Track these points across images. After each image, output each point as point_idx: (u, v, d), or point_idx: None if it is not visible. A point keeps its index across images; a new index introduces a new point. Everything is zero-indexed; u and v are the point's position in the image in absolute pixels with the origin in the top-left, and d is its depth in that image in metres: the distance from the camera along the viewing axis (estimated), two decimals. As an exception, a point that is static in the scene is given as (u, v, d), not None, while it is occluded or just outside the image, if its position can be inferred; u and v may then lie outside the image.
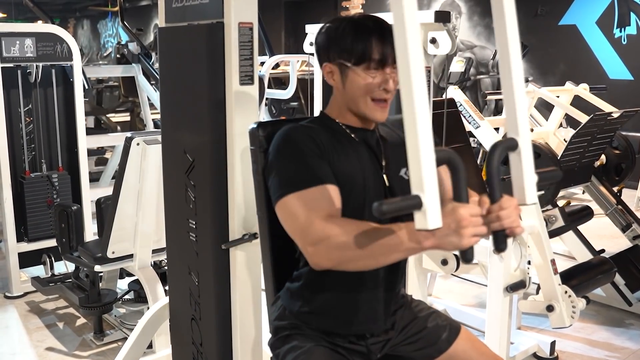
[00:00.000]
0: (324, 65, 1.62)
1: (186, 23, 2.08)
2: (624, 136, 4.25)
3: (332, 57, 1.59)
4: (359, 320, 1.68)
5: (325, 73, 1.62)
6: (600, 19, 7.72)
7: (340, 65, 1.58)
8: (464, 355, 1.78)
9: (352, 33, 1.56)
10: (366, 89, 1.56)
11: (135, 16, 15.94)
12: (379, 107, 1.58)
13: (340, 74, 1.59)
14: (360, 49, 1.53)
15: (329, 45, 1.60)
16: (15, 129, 4.07)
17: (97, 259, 3.19)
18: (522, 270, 2.68)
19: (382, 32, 1.54)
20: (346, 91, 1.59)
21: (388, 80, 1.55)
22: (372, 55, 1.53)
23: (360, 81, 1.55)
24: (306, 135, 1.57)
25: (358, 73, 1.55)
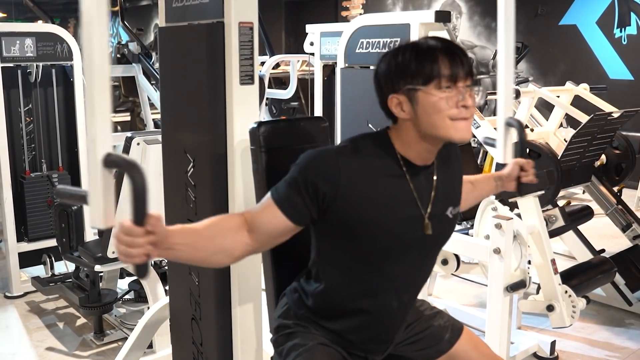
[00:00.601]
0: (390, 98, 1.48)
1: (186, 23, 2.08)
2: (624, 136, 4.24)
3: (398, 87, 1.46)
4: (363, 345, 1.68)
5: (393, 106, 1.48)
6: (600, 19, 7.71)
7: (408, 92, 1.45)
8: (465, 356, 1.78)
9: (414, 55, 1.44)
10: (442, 108, 1.42)
11: (135, 16, 15.93)
12: (460, 126, 1.44)
13: (410, 102, 1.45)
14: (427, 68, 1.42)
15: (393, 74, 1.47)
16: (15, 128, 4.07)
17: (98, 259, 3.19)
18: (523, 270, 2.68)
19: (446, 47, 1.45)
20: (419, 118, 1.45)
21: (464, 94, 1.44)
22: (441, 71, 1.42)
23: (434, 100, 1.43)
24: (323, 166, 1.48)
25: (430, 92, 1.43)
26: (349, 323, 1.64)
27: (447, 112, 1.43)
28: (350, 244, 1.53)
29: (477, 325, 3.31)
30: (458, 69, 1.43)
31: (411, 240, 1.55)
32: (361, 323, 1.64)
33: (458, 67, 1.43)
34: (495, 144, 2.14)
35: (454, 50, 1.44)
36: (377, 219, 1.49)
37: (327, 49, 4.37)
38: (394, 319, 1.68)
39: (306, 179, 1.46)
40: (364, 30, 3.29)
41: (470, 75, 1.45)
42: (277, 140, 1.85)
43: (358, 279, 1.58)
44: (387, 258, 1.54)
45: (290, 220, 1.48)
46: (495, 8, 2.07)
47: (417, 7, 9.91)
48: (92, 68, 1.27)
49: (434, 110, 1.43)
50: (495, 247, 2.61)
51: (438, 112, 1.43)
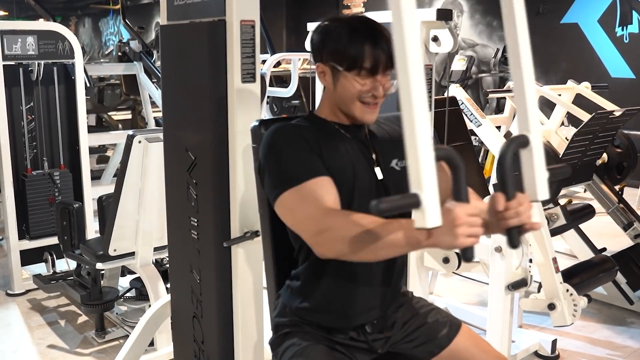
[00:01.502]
0: (317, 64, 1.64)
1: (188, 21, 2.08)
2: (626, 135, 4.24)
3: (325, 59, 1.60)
4: (355, 312, 1.69)
5: (318, 72, 1.64)
6: (602, 18, 7.71)
7: (332, 67, 1.59)
8: (465, 351, 1.78)
9: (346, 37, 1.56)
10: (356, 95, 1.58)
11: (136, 14, 15.93)
12: (368, 109, 1.60)
13: (332, 76, 1.60)
14: (352, 55, 1.55)
15: (323, 46, 1.61)
16: (17, 126, 4.07)
17: (99, 257, 3.20)
18: (524, 268, 2.68)
19: (375, 38, 1.55)
20: (337, 93, 1.61)
21: (378, 87, 1.57)
22: (364, 63, 1.54)
23: (350, 87, 1.58)
24: (293, 132, 1.60)
25: (349, 78, 1.57)
26: (335, 293, 1.66)
27: (359, 95, 1.58)
28: None
29: (478, 323, 3.31)
30: (379, 62, 1.55)
31: (372, 187, 1.63)
32: (346, 290, 1.66)
33: (380, 59, 1.54)
34: None
35: (380, 40, 1.54)
36: (340, 167, 1.59)
37: (328, 47, 4.36)
38: (376, 279, 1.69)
39: (285, 142, 1.56)
40: (366, 28, 3.29)
41: (390, 66, 1.55)
42: (278, 139, 1.85)
43: None
44: (351, 207, 1.56)
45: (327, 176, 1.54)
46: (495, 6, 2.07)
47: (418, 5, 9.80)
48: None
49: (348, 93, 1.59)
50: (497, 246, 2.61)
51: (351, 93, 1.58)
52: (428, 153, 1.19)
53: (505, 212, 1.31)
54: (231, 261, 2.08)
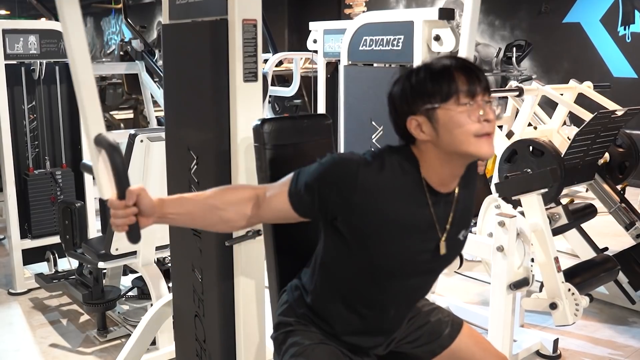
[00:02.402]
0: (409, 120, 1.44)
1: (190, 20, 2.08)
2: (628, 134, 4.23)
3: (416, 108, 1.42)
4: (362, 344, 1.69)
5: (412, 128, 1.44)
6: (604, 17, 7.70)
7: (427, 112, 1.41)
8: (467, 351, 1.79)
9: (429, 74, 1.42)
10: (463, 122, 1.39)
11: (138, 13, 15.93)
12: (484, 140, 1.40)
13: (430, 122, 1.41)
14: (444, 85, 1.39)
15: (409, 96, 1.44)
16: (19, 126, 4.08)
17: (101, 256, 3.20)
18: (526, 267, 2.67)
19: (461, 64, 1.42)
20: (441, 137, 1.41)
21: (485, 108, 1.40)
22: (459, 87, 1.39)
23: (456, 119, 1.39)
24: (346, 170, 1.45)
25: (450, 109, 1.39)
26: (345, 326, 1.65)
27: (469, 127, 1.39)
28: (356, 255, 1.53)
29: (480, 323, 3.31)
30: (475, 84, 1.40)
31: (421, 263, 1.55)
32: (357, 327, 1.65)
33: (475, 82, 1.40)
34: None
35: (469, 67, 1.42)
36: (390, 239, 1.48)
37: (330, 47, 4.37)
38: (390, 325, 1.70)
39: (320, 186, 1.46)
40: (367, 27, 3.29)
41: (488, 91, 1.42)
42: (280, 138, 1.86)
43: (358, 290, 1.60)
44: (392, 276, 1.55)
45: (298, 214, 1.52)
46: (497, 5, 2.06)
47: (420, 4, 9.89)
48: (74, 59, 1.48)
49: (455, 126, 1.39)
50: (499, 245, 2.60)
51: (460, 127, 1.39)
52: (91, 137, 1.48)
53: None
54: (233, 260, 2.08)
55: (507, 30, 8.57)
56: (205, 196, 1.52)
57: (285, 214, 1.53)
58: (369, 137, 3.24)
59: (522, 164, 3.34)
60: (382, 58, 3.22)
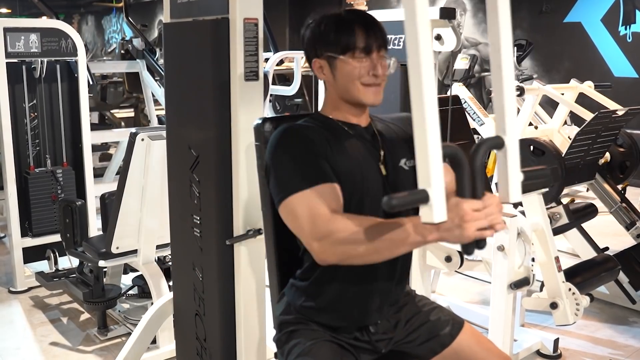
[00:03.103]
0: (313, 61, 1.66)
1: (191, 19, 2.08)
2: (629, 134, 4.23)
3: (320, 52, 1.64)
4: (359, 313, 1.69)
5: (316, 69, 1.66)
6: (605, 17, 7.69)
7: (328, 58, 1.62)
8: (468, 350, 1.78)
9: (335, 26, 1.61)
10: (355, 75, 1.60)
11: (139, 12, 15.94)
12: (370, 90, 1.61)
13: (330, 67, 1.63)
14: (344, 39, 1.59)
15: (315, 42, 1.64)
16: (19, 124, 4.08)
17: (101, 254, 3.20)
18: (526, 267, 2.67)
19: (363, 21, 1.60)
20: (337, 82, 1.63)
21: (376, 65, 1.59)
22: (357, 43, 1.58)
23: (349, 68, 1.60)
24: (302, 134, 1.60)
25: (346, 62, 1.59)
26: (339, 294, 1.66)
27: (359, 78, 1.60)
28: None
29: (481, 322, 3.31)
30: (372, 42, 1.59)
31: (378, 187, 1.63)
32: (351, 292, 1.66)
33: (372, 39, 1.59)
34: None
35: (369, 24, 1.60)
36: (348, 168, 1.59)
37: (331, 46, 4.37)
38: (380, 281, 1.69)
39: (293, 144, 1.57)
40: (369, 26, 3.28)
41: (384, 47, 1.62)
42: (281, 137, 1.85)
43: None
44: (363, 208, 1.58)
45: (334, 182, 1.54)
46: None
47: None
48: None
49: (348, 76, 1.60)
50: (499, 245, 2.60)
51: (352, 78, 1.60)
52: (437, 151, 1.22)
53: None
54: (234, 259, 2.08)
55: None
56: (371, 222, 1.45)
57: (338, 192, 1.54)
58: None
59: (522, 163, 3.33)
60: (383, 57, 3.22)
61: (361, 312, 1.69)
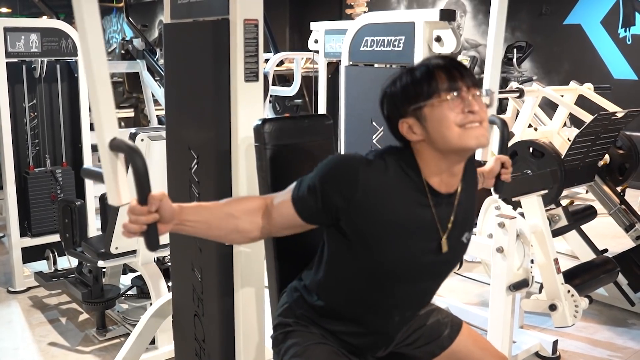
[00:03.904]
0: (400, 123, 1.48)
1: (191, 19, 2.08)
2: (628, 136, 4.23)
3: (404, 111, 1.47)
4: (362, 347, 1.69)
5: (405, 131, 1.48)
6: (605, 19, 7.70)
7: (414, 112, 1.45)
8: (466, 351, 1.79)
9: (411, 77, 1.46)
10: (450, 119, 1.42)
11: (140, 12, 15.94)
12: (471, 131, 1.43)
13: (419, 122, 1.45)
14: (425, 84, 1.43)
15: (396, 100, 1.48)
16: (19, 124, 4.08)
17: (101, 255, 3.20)
18: (525, 269, 2.68)
19: (440, 62, 1.46)
20: (431, 135, 1.44)
21: (468, 101, 1.43)
22: (440, 84, 1.43)
23: (441, 114, 1.42)
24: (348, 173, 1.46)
25: (434, 105, 1.43)
26: (346, 329, 1.65)
27: (454, 119, 1.42)
28: (360, 258, 1.52)
29: (480, 324, 3.31)
30: (457, 80, 1.43)
31: (425, 265, 1.55)
32: (359, 331, 1.65)
33: (457, 78, 1.43)
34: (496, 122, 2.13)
35: (450, 65, 1.45)
36: (393, 240, 1.48)
37: (331, 47, 4.38)
38: (394, 330, 1.69)
39: (323, 186, 1.47)
40: (369, 28, 3.29)
41: (475, 86, 1.45)
42: (281, 138, 1.86)
43: (362, 294, 1.59)
44: (396, 280, 1.55)
45: (302, 219, 1.51)
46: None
47: (421, 5, 9.89)
48: (91, 62, 1.41)
49: (440, 120, 1.42)
50: (498, 246, 2.61)
51: (445, 120, 1.42)
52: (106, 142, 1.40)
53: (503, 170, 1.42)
54: (233, 260, 2.08)
55: (507, 31, 8.56)
56: (221, 204, 1.50)
57: (292, 221, 1.51)
58: (370, 138, 3.24)
59: (522, 165, 3.34)
60: (383, 59, 3.23)
61: (362, 348, 1.69)
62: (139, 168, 1.34)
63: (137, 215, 1.34)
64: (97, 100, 1.42)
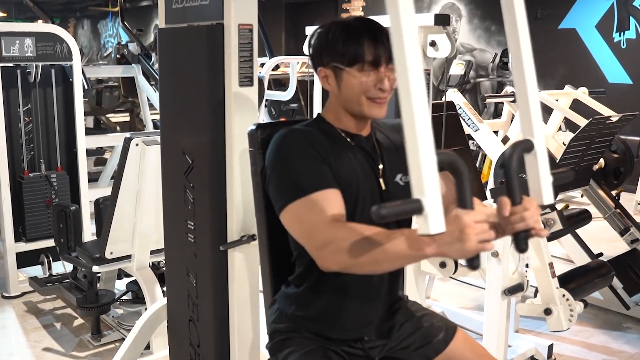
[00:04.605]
0: (319, 69, 1.61)
1: (186, 24, 2.08)
2: (623, 140, 4.25)
3: (326, 62, 1.59)
4: (353, 325, 1.68)
5: (320, 78, 1.62)
6: (599, 23, 7.73)
7: (334, 68, 1.58)
8: (460, 356, 1.78)
9: (343, 36, 1.56)
10: (361, 89, 1.55)
11: (135, 16, 15.94)
12: (375, 104, 1.57)
13: (335, 77, 1.59)
14: (352, 50, 1.54)
15: (322, 50, 1.60)
16: (14, 128, 4.07)
17: (95, 260, 3.19)
18: (520, 273, 2.68)
19: (373, 32, 1.55)
20: (342, 93, 1.59)
21: (383, 79, 1.55)
22: (365, 56, 1.53)
23: (355, 82, 1.56)
24: (304, 138, 1.57)
25: (352, 74, 1.55)
26: (332, 305, 1.65)
27: (365, 91, 1.56)
28: None
29: (475, 328, 3.32)
30: (380, 54, 1.54)
31: (376, 200, 1.60)
32: (344, 303, 1.65)
33: (381, 52, 1.54)
34: None
35: (379, 34, 1.55)
36: (346, 177, 1.57)
37: (326, 51, 4.37)
38: (376, 294, 1.68)
39: (295, 149, 1.54)
40: (364, 32, 3.29)
41: (392, 60, 1.51)
42: (275, 142, 1.85)
43: None
44: (354, 219, 1.52)
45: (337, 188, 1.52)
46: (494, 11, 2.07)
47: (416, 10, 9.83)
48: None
49: (353, 90, 1.56)
50: (493, 251, 2.61)
51: (358, 92, 1.56)
52: (430, 158, 1.16)
53: (511, 217, 1.30)
54: (227, 265, 2.08)
55: (503, 35, 8.57)
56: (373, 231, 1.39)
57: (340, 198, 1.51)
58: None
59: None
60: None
61: (353, 325, 1.68)
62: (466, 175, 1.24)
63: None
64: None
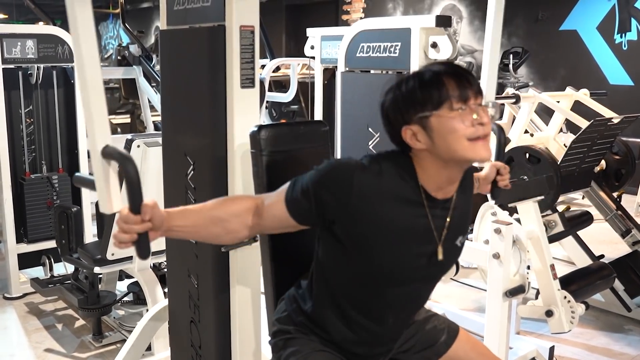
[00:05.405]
0: (404, 130, 1.43)
1: (187, 26, 2.08)
2: (624, 142, 4.24)
3: (408, 118, 1.42)
4: (360, 352, 1.68)
5: (408, 138, 1.43)
6: (601, 25, 7.73)
7: (420, 120, 1.40)
8: (464, 357, 1.78)
9: (418, 83, 1.42)
10: (457, 127, 1.38)
11: (136, 18, 15.95)
12: (479, 144, 1.40)
13: (424, 130, 1.41)
14: (435, 92, 1.39)
15: (401, 106, 1.44)
16: (15, 130, 4.08)
17: (97, 261, 3.19)
18: (522, 275, 2.68)
19: (449, 69, 1.42)
20: (438, 145, 1.41)
21: (478, 111, 1.39)
22: (450, 92, 1.38)
23: (450, 125, 1.38)
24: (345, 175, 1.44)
25: (443, 116, 1.38)
26: (343, 335, 1.64)
27: (464, 132, 1.38)
28: (354, 261, 1.51)
29: (476, 330, 3.31)
30: (467, 89, 1.40)
31: (418, 269, 1.54)
32: (356, 337, 1.64)
33: (466, 87, 1.40)
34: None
35: (458, 72, 1.42)
36: (387, 243, 1.47)
37: (327, 53, 4.39)
38: (390, 335, 1.68)
39: (316, 190, 1.45)
40: (365, 34, 3.30)
41: (480, 94, 1.42)
42: (277, 144, 1.86)
43: (356, 297, 1.58)
44: (389, 283, 1.54)
45: (295, 220, 1.50)
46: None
47: (417, 11, 9.92)
48: (84, 68, 1.40)
49: (449, 132, 1.38)
50: (495, 252, 2.61)
51: (454, 133, 1.38)
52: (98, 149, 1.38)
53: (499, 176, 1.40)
54: (229, 266, 2.08)
55: (504, 37, 8.59)
56: (208, 207, 1.48)
57: (284, 222, 1.51)
58: (366, 144, 3.24)
59: (518, 171, 3.34)
60: (379, 65, 3.23)
61: (358, 352, 1.67)
62: (131, 176, 1.31)
63: (130, 225, 1.31)
64: (89, 107, 1.40)
